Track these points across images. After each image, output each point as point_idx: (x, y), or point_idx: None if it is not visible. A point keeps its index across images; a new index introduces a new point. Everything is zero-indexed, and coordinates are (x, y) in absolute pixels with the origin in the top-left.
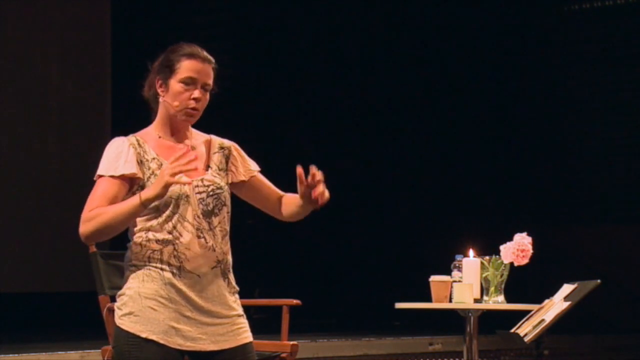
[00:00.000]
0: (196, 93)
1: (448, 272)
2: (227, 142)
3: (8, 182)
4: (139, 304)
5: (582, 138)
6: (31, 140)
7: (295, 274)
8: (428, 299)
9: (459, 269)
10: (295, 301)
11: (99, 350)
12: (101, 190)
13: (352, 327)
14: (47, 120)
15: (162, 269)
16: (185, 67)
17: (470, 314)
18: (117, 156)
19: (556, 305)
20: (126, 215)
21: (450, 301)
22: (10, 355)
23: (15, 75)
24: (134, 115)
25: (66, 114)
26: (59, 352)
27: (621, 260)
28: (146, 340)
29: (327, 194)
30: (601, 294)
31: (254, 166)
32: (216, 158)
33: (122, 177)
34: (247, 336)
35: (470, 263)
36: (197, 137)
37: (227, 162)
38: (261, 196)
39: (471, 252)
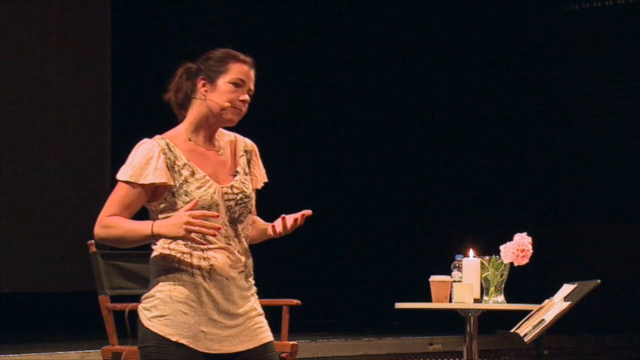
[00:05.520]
0: (245, 96)
1: (448, 272)
2: (249, 144)
3: (8, 182)
4: (170, 307)
5: (582, 138)
6: (31, 141)
7: (295, 274)
8: (428, 299)
9: (459, 269)
10: (295, 301)
11: (99, 350)
12: (121, 196)
13: (352, 327)
14: (47, 120)
15: (192, 273)
16: (236, 70)
17: (470, 314)
18: (147, 162)
19: (556, 305)
20: (136, 239)
21: (450, 301)
22: (10, 355)
23: (15, 76)
24: (134, 116)
25: (66, 114)
26: (59, 352)
27: (621, 260)
28: (176, 343)
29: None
30: (601, 294)
31: (265, 176)
32: (242, 162)
33: (148, 185)
34: (267, 335)
35: (470, 263)
36: (224, 137)
37: (249, 167)
38: None
39: (471, 252)
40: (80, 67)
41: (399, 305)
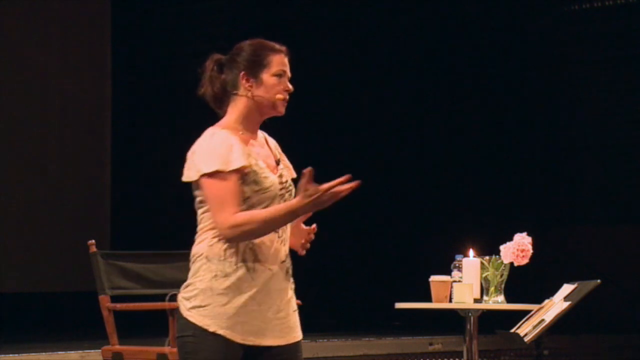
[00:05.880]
0: (290, 85)
1: (448, 272)
2: (274, 142)
3: (8, 182)
4: (210, 298)
5: (582, 138)
6: (31, 140)
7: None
8: (428, 299)
9: (459, 269)
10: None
11: (99, 350)
12: (231, 190)
13: (352, 327)
14: (47, 120)
15: (236, 265)
16: (276, 61)
17: (470, 314)
18: (230, 148)
19: (556, 305)
20: (279, 226)
21: (450, 301)
22: (10, 355)
23: (15, 75)
24: (134, 115)
25: (66, 114)
26: (59, 352)
27: (621, 260)
28: (214, 334)
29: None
30: (601, 294)
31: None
32: (277, 155)
33: (238, 170)
34: (299, 334)
35: (470, 263)
36: (259, 133)
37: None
38: None
39: (471, 252)
40: (80, 67)
41: (399, 305)
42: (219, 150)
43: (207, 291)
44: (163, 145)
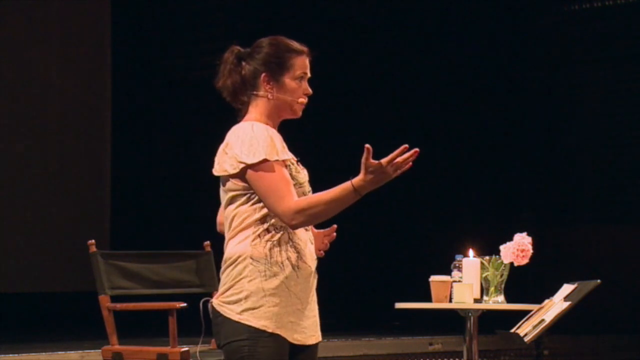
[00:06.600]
0: (309, 89)
1: (448, 272)
2: None
3: (8, 182)
4: (262, 299)
5: (582, 138)
6: (31, 140)
7: None
8: (428, 299)
9: (459, 269)
10: None
11: (99, 350)
12: (283, 177)
13: (352, 327)
14: (47, 120)
15: (283, 264)
16: (299, 64)
17: (470, 314)
18: (272, 140)
19: (556, 305)
20: (342, 207)
21: (450, 301)
22: (10, 355)
23: (15, 75)
24: (134, 115)
25: (66, 114)
26: (59, 352)
27: (621, 260)
28: (272, 334)
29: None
30: (601, 294)
31: None
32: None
33: (283, 161)
34: (320, 334)
35: (470, 263)
36: None
37: None
38: None
39: (471, 252)
40: (80, 67)
41: (399, 305)
42: (263, 141)
43: (258, 292)
44: (163, 146)
